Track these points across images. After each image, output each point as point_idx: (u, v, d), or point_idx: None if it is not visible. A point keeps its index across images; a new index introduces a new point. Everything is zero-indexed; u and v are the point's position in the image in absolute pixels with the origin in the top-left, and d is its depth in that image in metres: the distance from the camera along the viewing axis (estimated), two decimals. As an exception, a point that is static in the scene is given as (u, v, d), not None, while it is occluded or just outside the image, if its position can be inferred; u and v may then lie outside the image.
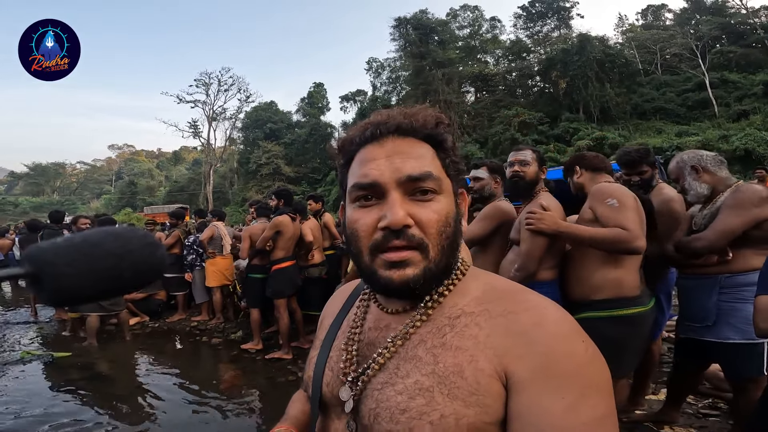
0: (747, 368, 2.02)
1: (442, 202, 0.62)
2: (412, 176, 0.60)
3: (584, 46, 29.18)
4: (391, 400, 0.58)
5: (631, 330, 1.95)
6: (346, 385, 0.64)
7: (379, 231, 0.59)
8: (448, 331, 0.60)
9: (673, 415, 2.52)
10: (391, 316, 0.67)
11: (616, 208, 1.92)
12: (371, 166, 0.61)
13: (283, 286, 4.56)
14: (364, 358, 0.66)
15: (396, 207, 0.58)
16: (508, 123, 28.66)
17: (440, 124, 0.65)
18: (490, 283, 0.65)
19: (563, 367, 0.52)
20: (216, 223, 6.08)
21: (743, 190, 2.04)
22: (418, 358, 0.59)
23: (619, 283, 1.96)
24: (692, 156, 2.22)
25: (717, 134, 21.63)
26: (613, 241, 1.88)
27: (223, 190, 43.27)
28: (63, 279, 0.36)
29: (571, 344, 0.55)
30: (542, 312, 0.58)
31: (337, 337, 0.73)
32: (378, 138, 0.63)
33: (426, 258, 0.59)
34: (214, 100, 41.10)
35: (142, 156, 77.23)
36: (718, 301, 2.07)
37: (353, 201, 0.63)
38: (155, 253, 0.44)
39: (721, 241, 2.01)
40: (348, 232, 0.64)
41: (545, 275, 2.14)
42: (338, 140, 0.69)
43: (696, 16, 36.08)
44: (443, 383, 0.55)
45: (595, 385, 0.53)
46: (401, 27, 35.61)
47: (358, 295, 0.78)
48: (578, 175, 2.32)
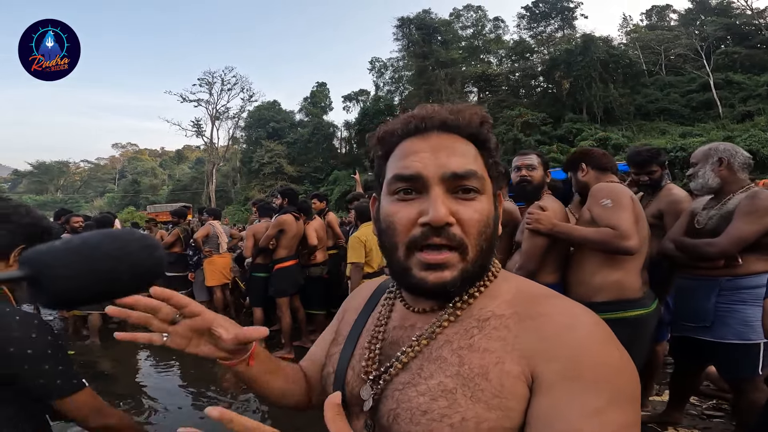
0: (741, 368, 2.03)
1: (484, 202, 0.60)
2: (457, 173, 0.58)
3: (588, 47, 29.14)
4: (412, 401, 0.56)
5: (633, 332, 1.92)
6: (367, 384, 0.63)
7: (419, 227, 0.57)
8: (476, 332, 0.58)
9: (677, 416, 2.52)
10: (417, 315, 0.65)
11: (609, 208, 1.92)
12: (414, 159, 0.59)
13: (286, 285, 4.57)
14: (387, 357, 0.64)
15: (438, 203, 0.56)
16: (511, 123, 28.61)
17: (485, 123, 0.63)
18: (521, 287, 0.64)
19: (594, 372, 0.50)
20: (212, 222, 6.05)
21: (762, 197, 1.97)
22: (443, 359, 0.58)
23: (619, 286, 1.95)
24: (727, 148, 2.14)
25: (721, 135, 21.52)
26: (602, 240, 1.89)
27: (226, 189, 43.37)
28: (61, 281, 0.36)
29: (604, 350, 0.53)
30: (575, 316, 0.56)
31: (361, 335, 0.71)
32: (422, 131, 0.61)
33: (464, 259, 0.58)
34: (217, 99, 41.27)
35: (146, 155, 77.45)
36: (717, 302, 2.06)
37: (392, 193, 0.61)
38: (153, 255, 0.43)
39: (735, 248, 1.98)
40: (383, 225, 0.62)
41: (548, 278, 2.13)
42: (378, 130, 0.67)
43: (701, 16, 35.96)
44: (467, 385, 0.54)
45: (624, 393, 0.51)
46: (404, 27, 35.68)
47: (382, 292, 0.76)
48: (583, 173, 2.25)
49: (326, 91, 44.80)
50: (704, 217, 2.15)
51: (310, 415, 0.79)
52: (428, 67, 34.13)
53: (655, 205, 2.55)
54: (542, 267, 2.13)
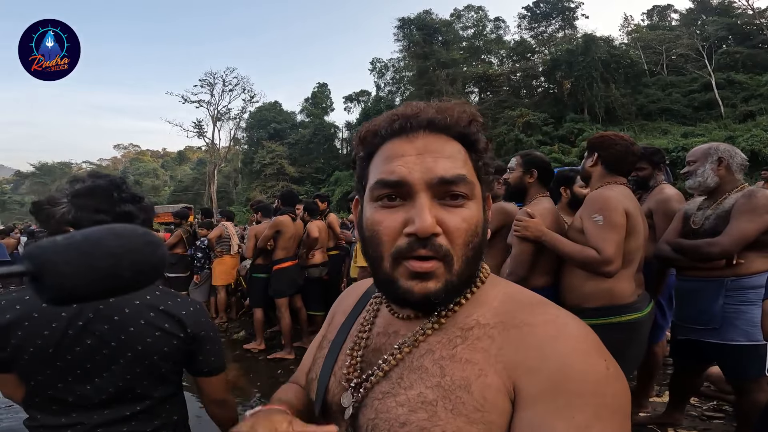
0: (749, 369, 2.01)
1: (472, 209, 0.57)
2: (444, 178, 0.54)
3: (589, 47, 29.06)
4: (391, 411, 0.55)
5: (626, 336, 1.90)
6: (348, 392, 0.61)
7: (404, 237, 0.54)
8: (459, 342, 0.56)
9: (677, 417, 2.51)
10: (401, 322, 0.63)
11: (599, 226, 1.86)
12: (399, 163, 0.56)
13: (285, 285, 4.59)
14: (368, 365, 0.62)
15: (425, 212, 0.53)
16: (512, 124, 28.55)
17: (474, 122, 0.59)
18: (509, 293, 0.61)
19: (578, 385, 0.48)
20: (225, 223, 6.16)
21: (758, 195, 1.97)
22: (424, 368, 0.56)
23: (610, 293, 1.92)
24: (727, 149, 2.13)
25: (723, 135, 21.43)
26: (583, 261, 1.89)
27: (227, 190, 43.40)
28: (63, 277, 0.36)
29: (589, 361, 0.50)
30: (561, 326, 0.53)
31: (345, 341, 0.69)
32: (407, 132, 0.58)
33: (449, 271, 0.55)
34: (218, 100, 41.15)
35: (147, 156, 77.64)
36: (725, 304, 2.04)
37: (375, 199, 0.58)
38: (156, 252, 0.43)
39: (736, 247, 1.97)
40: (367, 234, 0.58)
41: (539, 281, 2.12)
42: (360, 130, 0.63)
43: (702, 16, 35.88)
44: (448, 398, 0.52)
45: (610, 407, 0.48)
46: (405, 27, 35.67)
47: (370, 296, 0.74)
48: (591, 163, 2.11)
49: (327, 92, 44.80)
50: (700, 218, 2.14)
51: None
52: (429, 68, 34.09)
53: (646, 204, 2.54)
54: (533, 270, 2.11)
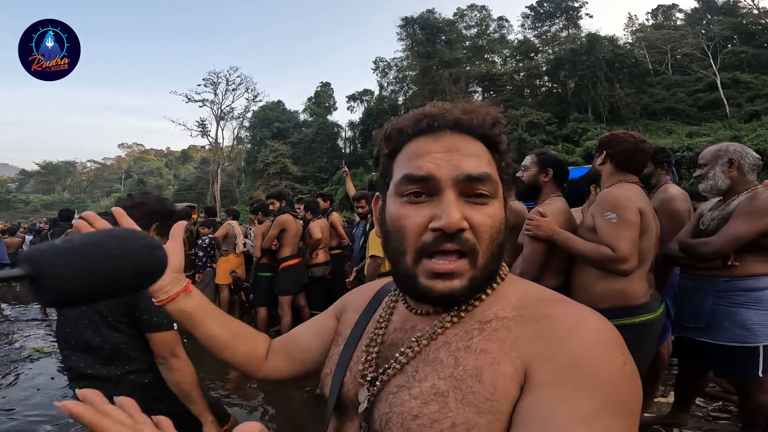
0: (740, 370, 2.01)
1: (496, 207, 0.58)
2: (471, 176, 0.55)
3: (593, 46, 28.98)
4: (404, 404, 0.55)
5: (638, 337, 1.85)
6: (364, 387, 0.62)
7: (430, 232, 0.55)
8: (476, 334, 0.56)
9: (682, 418, 2.49)
10: (418, 318, 0.63)
11: (613, 224, 1.83)
12: (427, 159, 0.57)
13: (291, 283, 4.61)
14: (384, 360, 0.63)
15: (452, 208, 0.54)
16: (516, 123, 28.49)
17: (498, 123, 0.60)
18: (527, 291, 0.61)
19: (590, 374, 0.46)
20: (231, 222, 6.17)
21: (761, 198, 1.94)
22: (439, 360, 0.56)
23: (623, 293, 1.88)
24: (737, 149, 2.08)
25: (728, 135, 21.32)
26: (598, 259, 1.84)
27: (231, 188, 43.54)
28: (61, 280, 0.36)
29: (606, 353, 0.49)
30: (581, 318, 0.53)
31: (361, 338, 0.70)
32: (434, 131, 0.59)
33: (474, 266, 0.56)
34: (222, 100, 41.28)
35: (151, 155, 77.97)
36: (714, 304, 2.04)
37: (400, 195, 0.58)
38: (154, 254, 0.43)
39: (729, 247, 1.95)
40: (390, 229, 0.59)
41: (550, 282, 2.09)
42: (385, 127, 0.64)
43: (707, 16, 35.73)
44: (458, 387, 0.52)
45: (622, 403, 0.46)
46: (408, 27, 35.64)
47: (385, 294, 0.75)
48: (601, 161, 2.08)
49: (330, 91, 44.87)
50: (708, 219, 2.13)
51: (311, 415, 0.79)
52: (432, 67, 34.08)
53: None
54: (544, 271, 2.09)
